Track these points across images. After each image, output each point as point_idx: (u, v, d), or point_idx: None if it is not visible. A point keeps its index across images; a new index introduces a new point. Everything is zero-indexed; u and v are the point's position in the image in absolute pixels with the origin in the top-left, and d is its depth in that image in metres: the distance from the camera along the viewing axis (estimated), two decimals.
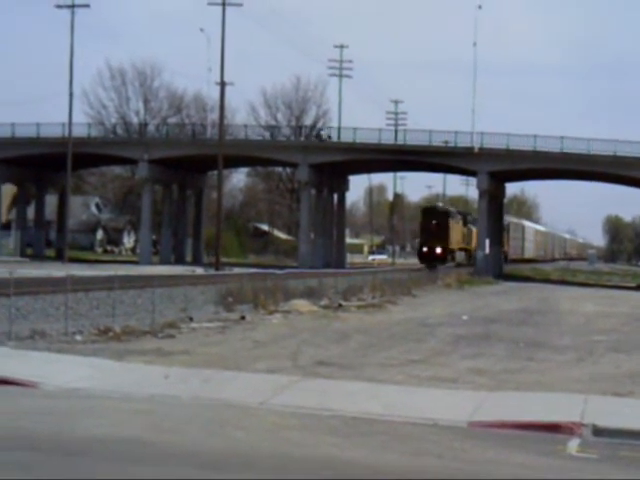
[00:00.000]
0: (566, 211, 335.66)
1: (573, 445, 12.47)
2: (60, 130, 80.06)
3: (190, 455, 10.91)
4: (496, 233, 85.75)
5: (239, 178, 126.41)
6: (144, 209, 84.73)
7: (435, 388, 16.37)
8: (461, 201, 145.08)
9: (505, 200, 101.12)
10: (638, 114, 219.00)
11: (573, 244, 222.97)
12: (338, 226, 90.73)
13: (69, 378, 15.45)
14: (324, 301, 35.68)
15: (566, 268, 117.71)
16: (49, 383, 15.06)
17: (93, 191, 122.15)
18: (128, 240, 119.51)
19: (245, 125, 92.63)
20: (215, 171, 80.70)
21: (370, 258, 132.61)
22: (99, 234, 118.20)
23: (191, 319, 26.59)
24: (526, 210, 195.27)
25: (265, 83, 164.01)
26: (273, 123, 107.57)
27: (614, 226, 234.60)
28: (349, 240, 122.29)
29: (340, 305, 34.85)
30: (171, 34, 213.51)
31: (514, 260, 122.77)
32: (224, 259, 68.40)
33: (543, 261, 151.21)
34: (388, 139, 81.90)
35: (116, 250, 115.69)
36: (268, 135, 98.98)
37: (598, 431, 13.07)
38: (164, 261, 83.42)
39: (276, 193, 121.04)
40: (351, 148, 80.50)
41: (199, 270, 60.95)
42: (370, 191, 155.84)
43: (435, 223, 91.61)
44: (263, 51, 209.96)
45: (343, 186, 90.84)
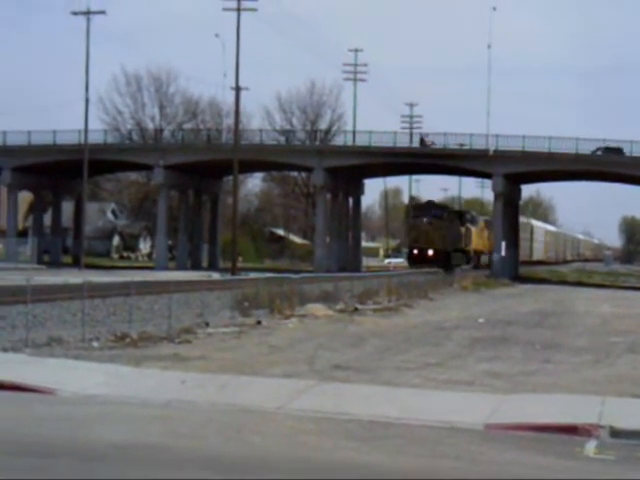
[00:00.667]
0: (582, 212, 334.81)
1: (590, 447, 12.44)
2: (76, 137, 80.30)
3: (208, 460, 10.94)
4: (512, 235, 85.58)
5: (254, 183, 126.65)
6: (160, 215, 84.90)
7: (452, 391, 16.36)
8: (477, 203, 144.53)
9: (521, 202, 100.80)
10: None
11: (587, 245, 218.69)
12: (354, 230, 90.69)
13: (86, 384, 15.50)
14: (340, 305, 35.68)
15: (582, 269, 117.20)
16: (66, 390, 15.11)
17: (109, 197, 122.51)
18: (144, 246, 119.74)
19: (260, 130, 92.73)
20: (231, 176, 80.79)
21: (386, 261, 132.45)
22: (115, 240, 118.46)
23: (207, 324, 26.63)
24: (542, 212, 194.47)
25: (280, 87, 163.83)
26: (288, 127, 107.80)
27: (630, 227, 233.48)
28: (365, 244, 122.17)
29: (356, 309, 34.84)
30: (186, 40, 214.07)
31: (521, 262, 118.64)
32: (240, 264, 68.48)
33: (554, 263, 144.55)
34: (403, 142, 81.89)
35: (132, 256, 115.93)
36: (283, 140, 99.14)
37: (615, 433, 13.04)
38: (180, 267, 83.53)
39: (291, 197, 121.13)
40: (366, 152, 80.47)
41: (215, 275, 60.94)
42: (385, 194, 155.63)
43: (426, 221, 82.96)
44: (278, 56, 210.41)
45: (358, 190, 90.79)
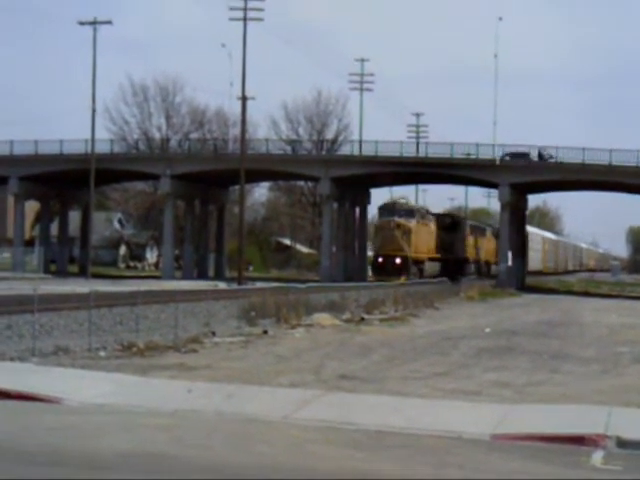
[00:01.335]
0: (589, 222, 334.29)
1: (597, 457, 12.42)
2: (83, 146, 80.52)
3: (214, 469, 10.95)
4: (519, 245, 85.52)
5: (261, 192, 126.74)
6: (166, 224, 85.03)
7: (458, 401, 16.34)
8: (483, 213, 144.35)
9: (527, 212, 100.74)
10: None
11: (591, 254, 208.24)
12: (360, 239, 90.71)
13: (93, 394, 15.51)
14: (346, 315, 35.68)
15: (589, 279, 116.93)
16: (73, 399, 15.12)
17: (116, 207, 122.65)
18: (151, 255, 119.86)
19: (267, 139, 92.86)
20: (237, 186, 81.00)
21: None
22: (122, 250, 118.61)
23: (214, 334, 26.64)
24: (548, 222, 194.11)
25: (286, 97, 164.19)
26: (294, 137, 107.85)
27: (637, 237, 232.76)
28: (371, 253, 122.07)
29: (362, 318, 34.83)
30: (193, 49, 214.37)
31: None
32: (246, 273, 68.57)
33: (552, 273, 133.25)
34: (409, 152, 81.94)
35: (139, 265, 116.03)
36: (290, 149, 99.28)
37: (622, 443, 13.01)
38: (187, 276, 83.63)
39: (298, 207, 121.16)
40: (373, 161, 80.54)
41: (222, 285, 61.01)
42: None
43: (395, 225, 73.56)
44: (284, 65, 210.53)
45: (365, 199, 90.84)
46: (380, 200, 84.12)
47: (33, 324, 22.28)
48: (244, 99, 69.34)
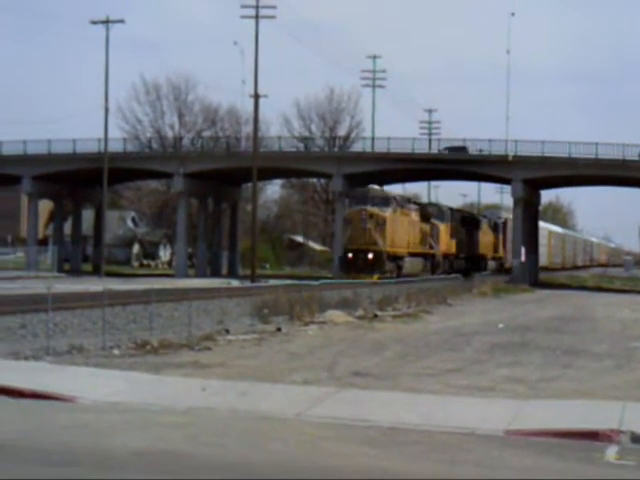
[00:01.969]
0: (602, 217, 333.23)
1: (611, 452, 12.42)
2: (96, 145, 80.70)
3: (229, 467, 10.98)
4: (532, 241, 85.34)
5: (274, 190, 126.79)
6: (179, 222, 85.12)
7: (472, 397, 16.34)
8: (496, 209, 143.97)
9: (540, 207, 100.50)
10: None
11: (602, 249, 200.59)
12: None
13: (107, 392, 15.57)
14: (359, 311, 35.67)
15: (602, 275, 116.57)
16: (87, 397, 15.18)
17: (129, 205, 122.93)
18: (164, 254, 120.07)
19: (279, 137, 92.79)
20: (250, 183, 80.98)
21: None
22: (135, 248, 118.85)
23: (227, 331, 26.69)
24: (561, 217, 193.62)
25: (299, 95, 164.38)
26: (307, 134, 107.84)
27: None
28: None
29: (375, 315, 34.82)
30: (205, 48, 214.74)
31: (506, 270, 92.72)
32: (259, 271, 68.59)
33: (559, 269, 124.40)
34: (422, 148, 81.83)
35: (152, 264, 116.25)
36: (302, 147, 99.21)
37: (636, 438, 13.00)
38: (200, 274, 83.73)
39: (311, 204, 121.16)
40: (385, 158, 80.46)
41: (235, 282, 61.11)
42: None
43: (367, 214, 64.27)
44: (296, 63, 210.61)
45: None
46: None
47: (47, 323, 22.34)
48: (256, 97, 69.37)
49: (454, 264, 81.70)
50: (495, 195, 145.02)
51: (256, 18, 69.67)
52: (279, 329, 28.23)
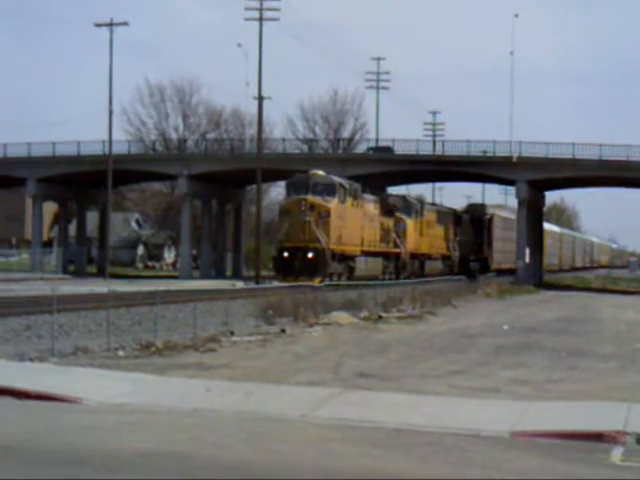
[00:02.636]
0: (607, 219, 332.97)
1: (617, 454, 12.40)
2: (100, 148, 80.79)
3: (234, 468, 10.98)
4: (536, 242, 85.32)
5: (278, 192, 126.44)
6: (184, 224, 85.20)
7: (477, 398, 16.33)
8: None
9: (545, 209, 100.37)
10: None
11: (604, 250, 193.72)
12: None
13: (112, 393, 15.58)
14: (364, 313, 35.66)
15: (606, 276, 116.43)
16: (92, 399, 15.19)
17: (133, 207, 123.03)
18: (169, 255, 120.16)
19: (283, 139, 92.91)
20: (254, 185, 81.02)
21: None
22: (140, 250, 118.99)
23: (232, 333, 26.69)
24: (566, 219, 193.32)
25: (303, 96, 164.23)
26: (311, 136, 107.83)
27: None
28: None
29: (380, 317, 34.82)
30: (209, 50, 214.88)
31: (500, 270, 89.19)
32: (264, 272, 68.63)
33: (556, 271, 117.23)
34: (426, 150, 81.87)
35: (157, 265, 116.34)
36: (306, 148, 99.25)
37: None
38: (204, 275, 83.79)
39: None
40: (389, 160, 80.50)
41: (239, 284, 61.08)
42: None
43: (308, 205, 53.41)
44: (300, 65, 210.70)
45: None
46: None
47: (52, 324, 22.35)
48: (260, 99, 69.41)
49: (425, 265, 72.65)
50: (500, 196, 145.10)
51: (260, 20, 69.72)
52: (283, 330, 28.24)
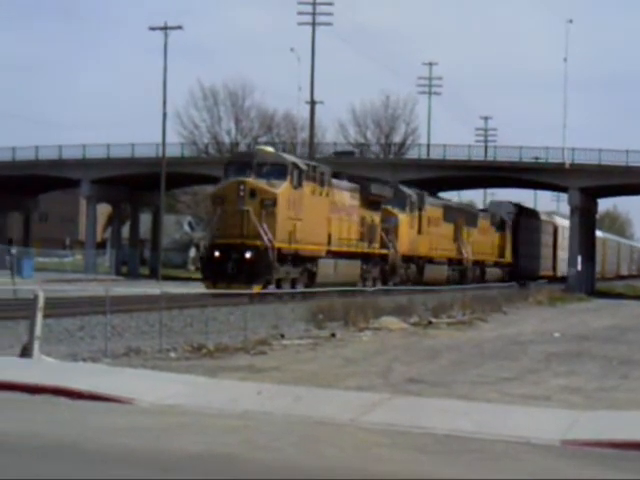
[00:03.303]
0: None
1: None
2: (154, 150, 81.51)
3: (283, 470, 11.05)
4: (589, 250, 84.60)
5: None
6: None
7: (527, 406, 16.25)
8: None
9: (597, 216, 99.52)
10: None
11: None
12: None
13: (164, 394, 15.72)
14: (414, 318, 35.62)
15: None
16: (144, 399, 15.33)
17: (186, 210, 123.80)
18: None
19: (335, 143, 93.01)
20: None
21: None
22: (192, 252, 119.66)
23: (282, 336, 26.80)
24: (619, 226, 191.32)
25: (354, 101, 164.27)
26: (362, 141, 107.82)
27: None
28: None
29: (430, 322, 34.75)
30: (262, 54, 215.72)
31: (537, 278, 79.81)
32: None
33: (598, 279, 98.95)
34: (478, 155, 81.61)
35: None
36: (357, 153, 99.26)
37: None
38: None
39: None
40: (441, 165, 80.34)
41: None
42: None
43: (247, 191, 41.94)
44: (352, 69, 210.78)
45: None
46: None
47: (105, 325, 22.62)
48: (312, 103, 69.69)
49: (425, 270, 62.09)
50: (551, 203, 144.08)
51: (312, 25, 70.12)
52: (334, 334, 28.29)
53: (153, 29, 74.72)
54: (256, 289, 40.16)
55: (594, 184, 77.89)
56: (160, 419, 13.99)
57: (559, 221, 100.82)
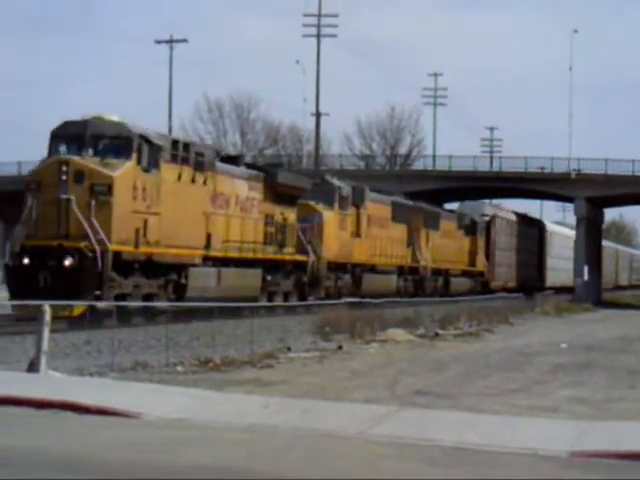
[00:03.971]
0: None
1: None
2: None
3: None
4: (595, 260, 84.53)
5: None
6: None
7: (535, 417, 16.23)
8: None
9: (603, 226, 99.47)
10: None
11: None
12: None
13: (171, 408, 15.71)
14: (421, 330, 35.59)
15: None
16: (151, 413, 15.32)
17: None
18: None
19: (340, 155, 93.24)
20: None
21: None
22: None
23: (289, 349, 26.78)
24: (625, 235, 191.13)
25: (360, 113, 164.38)
26: (368, 153, 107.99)
27: None
28: None
29: (437, 334, 34.72)
30: (266, 66, 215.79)
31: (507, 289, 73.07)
32: None
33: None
34: (483, 166, 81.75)
35: None
36: (363, 165, 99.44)
37: None
38: None
39: None
40: (446, 176, 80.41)
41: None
42: None
43: (72, 174, 30.05)
44: (357, 81, 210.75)
45: None
46: None
47: (112, 339, 22.62)
48: (318, 115, 69.83)
49: (363, 280, 50.26)
50: (557, 213, 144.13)
51: (318, 37, 70.30)
52: (340, 347, 28.26)
53: (159, 42, 75.05)
54: (77, 311, 28.82)
55: (600, 194, 77.89)
56: (167, 433, 13.99)
57: (549, 226, 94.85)
